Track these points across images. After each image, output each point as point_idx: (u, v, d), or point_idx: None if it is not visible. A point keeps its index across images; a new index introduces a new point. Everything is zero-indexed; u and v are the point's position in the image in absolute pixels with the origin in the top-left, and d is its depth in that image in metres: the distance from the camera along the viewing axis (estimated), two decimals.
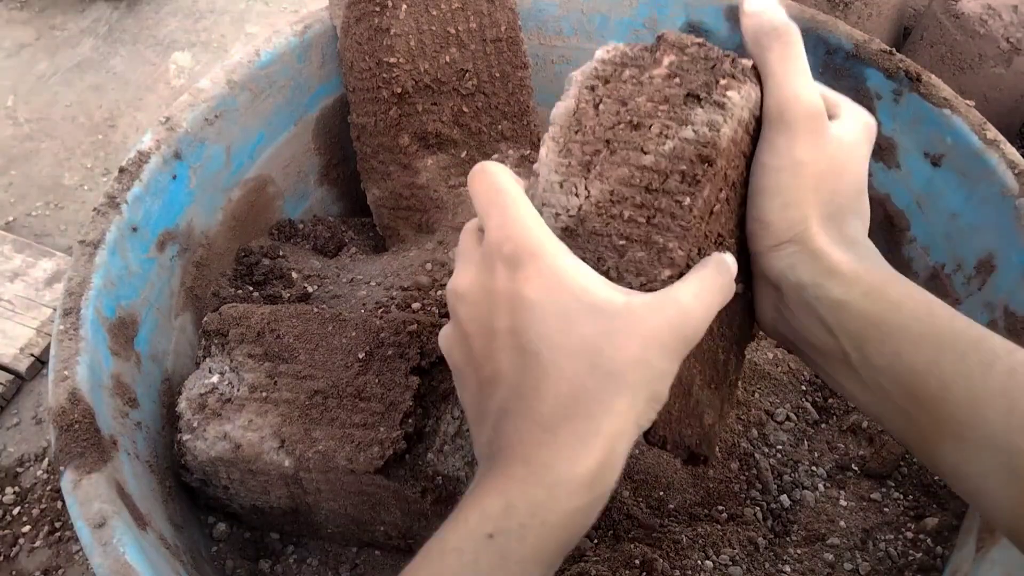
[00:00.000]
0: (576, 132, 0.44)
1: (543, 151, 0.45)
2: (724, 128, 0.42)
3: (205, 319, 0.63)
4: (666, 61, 0.44)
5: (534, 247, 0.38)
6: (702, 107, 0.42)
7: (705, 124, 0.42)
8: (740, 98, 0.42)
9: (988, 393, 0.38)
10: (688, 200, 0.41)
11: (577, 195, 0.43)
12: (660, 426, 0.42)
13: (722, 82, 0.42)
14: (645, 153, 0.42)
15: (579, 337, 0.36)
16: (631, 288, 0.40)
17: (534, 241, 0.38)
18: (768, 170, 0.43)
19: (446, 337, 0.43)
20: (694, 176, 0.41)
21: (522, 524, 0.35)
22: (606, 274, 0.41)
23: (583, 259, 0.41)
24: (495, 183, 0.40)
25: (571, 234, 0.42)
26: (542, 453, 0.36)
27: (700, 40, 0.44)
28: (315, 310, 0.63)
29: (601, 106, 0.44)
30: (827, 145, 0.43)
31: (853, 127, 0.45)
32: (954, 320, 0.41)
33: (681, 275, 0.41)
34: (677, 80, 0.43)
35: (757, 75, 0.44)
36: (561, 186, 0.43)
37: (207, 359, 0.61)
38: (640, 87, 0.44)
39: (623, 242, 0.41)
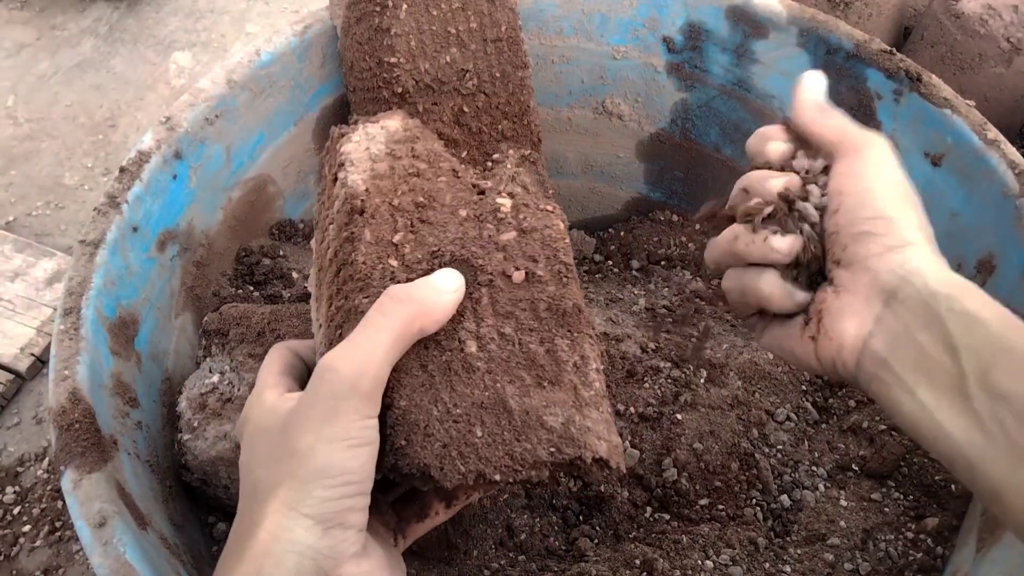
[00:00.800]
0: (317, 271, 0.49)
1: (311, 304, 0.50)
2: (351, 176, 0.45)
3: (205, 319, 0.63)
4: (326, 167, 0.48)
5: (248, 407, 0.42)
6: (336, 178, 0.46)
7: (341, 187, 0.45)
8: (353, 144, 0.46)
9: None
10: (353, 254, 0.43)
11: (320, 322, 0.47)
12: (461, 462, 0.40)
13: (336, 145, 0.47)
14: (329, 247, 0.46)
15: (252, 463, 0.40)
16: None
17: (251, 404, 0.42)
18: (875, 172, 0.44)
19: None
20: (350, 234, 0.44)
21: None
22: None
23: None
24: (263, 363, 0.45)
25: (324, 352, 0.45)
26: (222, 567, 0.39)
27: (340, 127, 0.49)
28: None
29: (322, 241, 0.49)
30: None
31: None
32: None
33: None
34: (327, 170, 0.47)
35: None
36: (316, 322, 0.48)
37: (207, 359, 0.61)
38: (324, 204, 0.48)
39: (339, 330, 0.43)
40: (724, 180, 0.91)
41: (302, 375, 0.46)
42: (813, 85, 0.48)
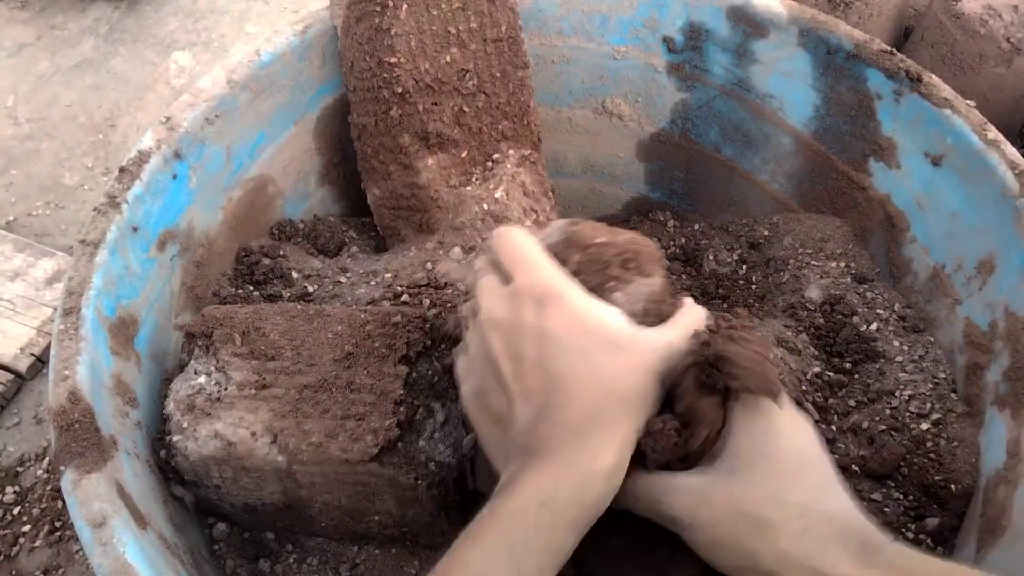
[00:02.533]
0: None
1: None
2: None
3: (189, 322, 0.63)
4: (574, 259, 0.51)
5: (558, 291, 0.47)
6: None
7: None
8: (626, 297, 0.50)
9: None
10: None
11: None
12: None
13: (609, 285, 0.50)
14: None
15: (597, 366, 0.45)
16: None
17: (557, 286, 0.47)
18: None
19: (467, 359, 0.51)
20: None
21: (567, 498, 0.43)
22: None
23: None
24: (518, 242, 0.49)
25: None
26: (575, 451, 0.44)
27: (601, 240, 0.51)
28: (298, 307, 0.63)
29: None
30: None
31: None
32: None
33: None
34: (581, 278, 0.49)
35: (648, 269, 0.51)
36: None
37: (192, 361, 0.61)
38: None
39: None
40: (723, 180, 0.91)
41: None
42: None
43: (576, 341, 0.45)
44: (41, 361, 1.09)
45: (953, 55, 1.22)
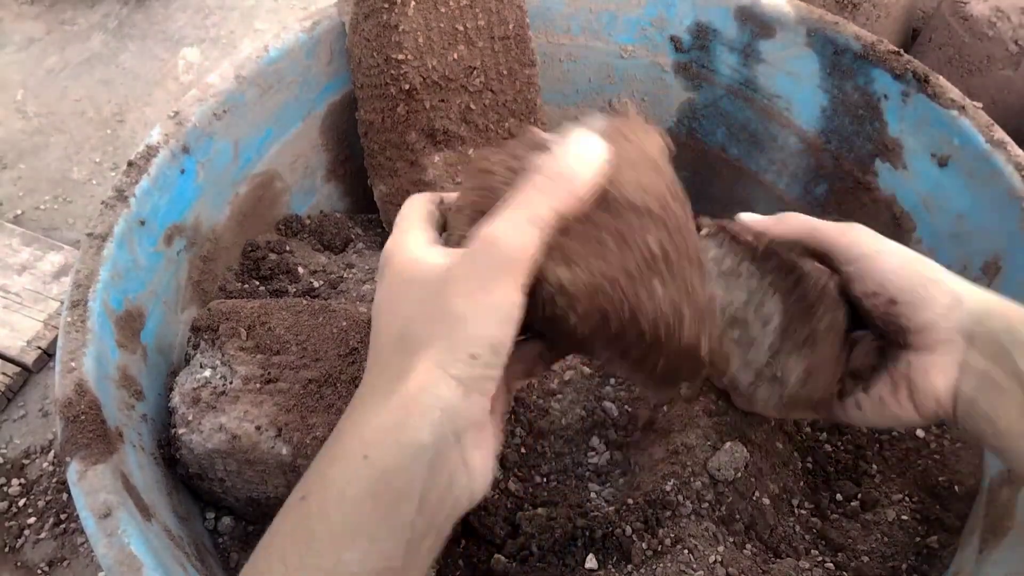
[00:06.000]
0: None
1: None
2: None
3: (195, 316, 0.63)
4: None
5: (392, 248, 0.43)
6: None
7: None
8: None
9: None
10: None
11: None
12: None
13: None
14: None
15: (400, 311, 0.41)
16: None
17: (395, 245, 0.43)
18: (881, 245, 0.50)
19: None
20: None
21: (386, 441, 0.38)
22: None
23: None
24: (404, 209, 0.46)
25: None
26: (382, 377, 0.40)
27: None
28: (304, 302, 0.63)
29: None
30: None
31: None
32: None
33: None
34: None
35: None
36: None
37: (197, 355, 0.62)
38: None
39: None
40: (729, 179, 0.91)
41: (440, 224, 0.47)
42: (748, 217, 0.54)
43: (392, 288, 0.42)
44: (47, 354, 1.09)
45: (961, 57, 1.22)
